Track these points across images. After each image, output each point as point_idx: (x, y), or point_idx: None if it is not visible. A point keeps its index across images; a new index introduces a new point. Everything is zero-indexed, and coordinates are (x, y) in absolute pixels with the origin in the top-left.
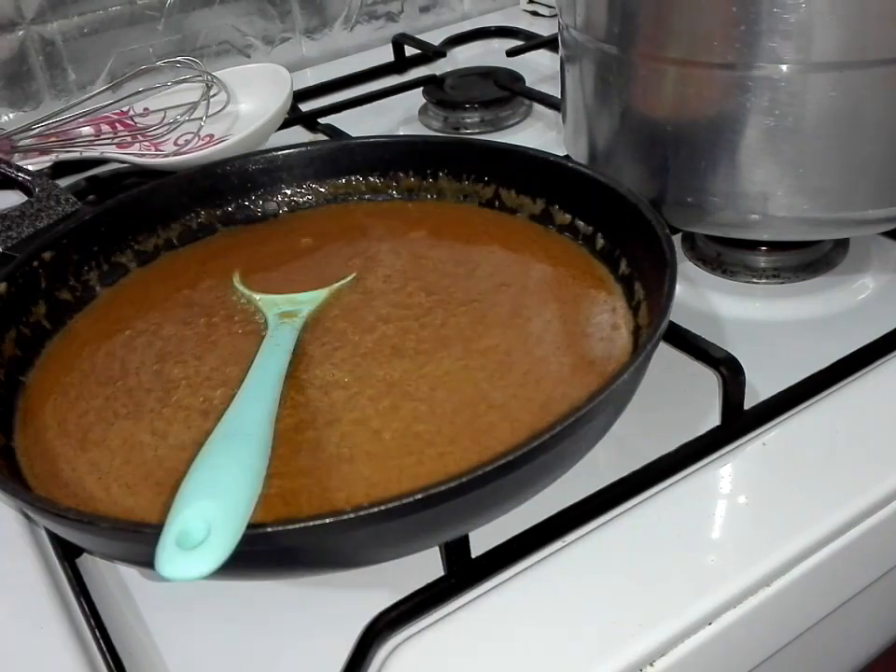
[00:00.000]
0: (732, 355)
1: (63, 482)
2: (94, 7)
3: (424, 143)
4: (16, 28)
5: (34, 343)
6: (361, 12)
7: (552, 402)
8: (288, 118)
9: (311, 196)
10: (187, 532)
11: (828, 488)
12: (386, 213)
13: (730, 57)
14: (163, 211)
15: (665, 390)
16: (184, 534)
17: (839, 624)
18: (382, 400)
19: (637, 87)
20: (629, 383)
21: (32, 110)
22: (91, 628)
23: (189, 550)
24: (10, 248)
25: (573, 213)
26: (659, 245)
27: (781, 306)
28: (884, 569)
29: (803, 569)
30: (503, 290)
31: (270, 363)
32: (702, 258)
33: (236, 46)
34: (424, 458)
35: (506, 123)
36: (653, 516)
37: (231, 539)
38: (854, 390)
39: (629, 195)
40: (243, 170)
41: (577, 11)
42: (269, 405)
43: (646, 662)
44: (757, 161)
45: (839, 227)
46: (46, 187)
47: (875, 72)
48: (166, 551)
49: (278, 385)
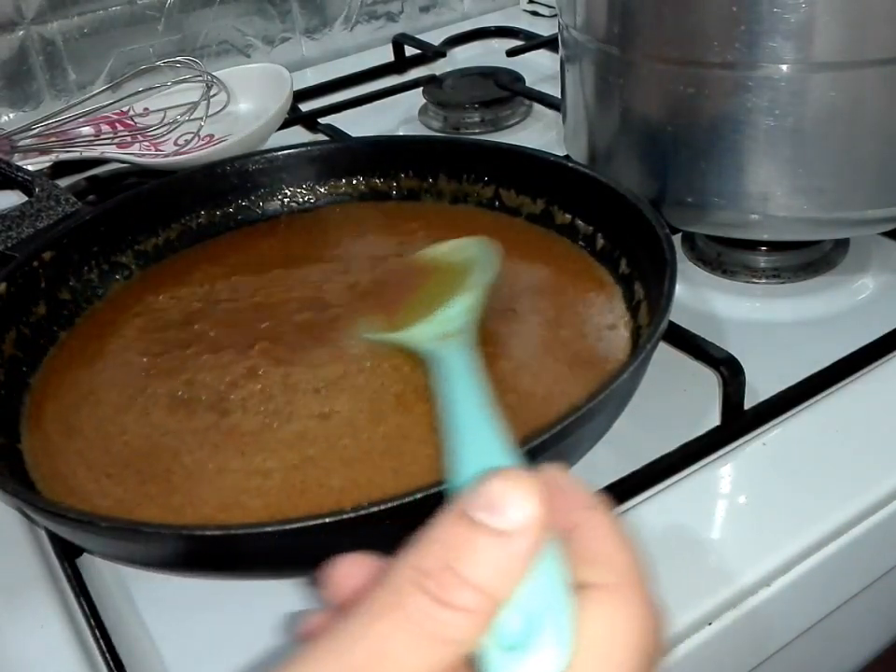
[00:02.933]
0: (732, 355)
1: (66, 480)
2: (94, 7)
3: (424, 143)
4: (16, 28)
5: (38, 343)
6: (361, 12)
7: (551, 402)
8: (288, 118)
9: (311, 196)
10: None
11: (828, 488)
12: (383, 215)
13: (730, 57)
14: (163, 211)
15: (665, 390)
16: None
17: (839, 624)
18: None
19: (637, 87)
20: (629, 383)
21: (32, 110)
22: (90, 628)
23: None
24: (10, 248)
25: (573, 213)
26: (659, 244)
27: (781, 306)
28: (884, 569)
29: (803, 569)
30: (503, 291)
31: (463, 402)
32: (702, 258)
33: (236, 46)
34: (419, 457)
35: (506, 123)
36: (653, 516)
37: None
38: (854, 390)
39: (629, 195)
40: (243, 170)
41: (577, 11)
42: (496, 453)
43: None
44: (757, 160)
45: (839, 227)
46: (46, 187)
47: (874, 72)
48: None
49: (490, 429)
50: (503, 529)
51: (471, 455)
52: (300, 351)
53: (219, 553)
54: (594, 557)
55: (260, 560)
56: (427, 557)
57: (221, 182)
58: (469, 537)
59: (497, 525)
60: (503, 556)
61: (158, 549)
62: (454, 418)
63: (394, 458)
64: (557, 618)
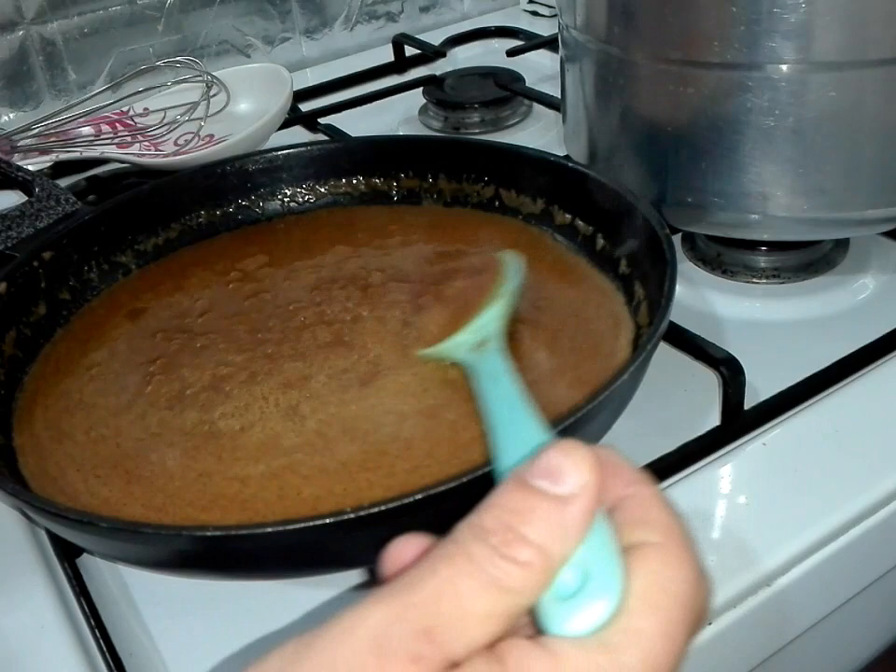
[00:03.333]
0: (732, 355)
1: (55, 480)
2: (94, 7)
3: (424, 143)
4: (16, 28)
5: (37, 343)
6: (361, 12)
7: (551, 402)
8: (288, 118)
9: (311, 196)
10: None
11: (828, 488)
12: (380, 217)
13: (730, 57)
14: (163, 211)
15: (665, 390)
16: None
17: (839, 624)
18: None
19: (637, 87)
20: (629, 382)
21: (32, 110)
22: (90, 628)
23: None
24: (10, 248)
25: (573, 213)
26: (659, 244)
27: (781, 306)
28: (884, 569)
29: (803, 569)
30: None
31: (503, 400)
32: (702, 258)
33: (236, 46)
34: (396, 471)
35: (506, 123)
36: None
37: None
38: (854, 390)
39: (629, 195)
40: (243, 170)
41: (577, 11)
42: (538, 439)
43: None
44: (757, 161)
45: (839, 227)
46: (46, 187)
47: (874, 72)
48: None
49: (530, 419)
50: (562, 494)
51: (515, 444)
52: (296, 358)
53: (219, 553)
54: (641, 521)
55: (260, 560)
56: (489, 519)
57: (221, 182)
58: (529, 502)
59: (557, 491)
60: (561, 519)
61: (158, 549)
62: (495, 415)
63: (370, 471)
64: (607, 572)
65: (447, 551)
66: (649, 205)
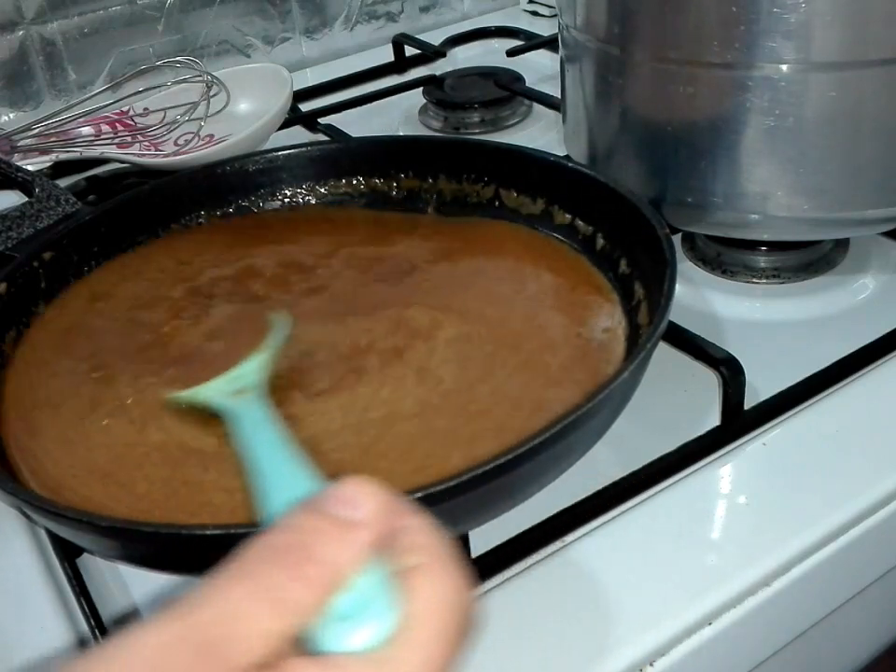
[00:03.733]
0: (732, 355)
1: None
2: (94, 7)
3: (424, 143)
4: (16, 28)
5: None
6: (361, 12)
7: (551, 402)
8: (288, 118)
9: (311, 196)
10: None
11: (828, 488)
12: (380, 222)
13: (730, 57)
14: (163, 211)
15: (665, 390)
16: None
17: (839, 624)
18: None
19: (637, 87)
20: (629, 382)
21: (32, 110)
22: (90, 628)
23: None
24: (10, 248)
25: (573, 213)
26: (659, 244)
27: (781, 306)
28: (884, 569)
29: (803, 569)
30: (502, 292)
31: (265, 447)
32: (702, 258)
33: (236, 46)
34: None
35: (506, 123)
36: (653, 516)
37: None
38: (854, 390)
39: (629, 195)
40: (243, 170)
41: (577, 11)
42: (306, 483)
43: (646, 662)
44: (757, 160)
45: (839, 227)
46: (46, 187)
47: (874, 72)
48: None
49: (297, 466)
50: (356, 519)
51: (282, 489)
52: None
53: (219, 553)
54: (410, 547)
55: None
56: (279, 537)
57: (221, 182)
58: (320, 525)
59: (352, 516)
60: (353, 541)
61: (157, 549)
62: (260, 462)
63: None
64: (381, 595)
65: (236, 570)
66: (649, 205)
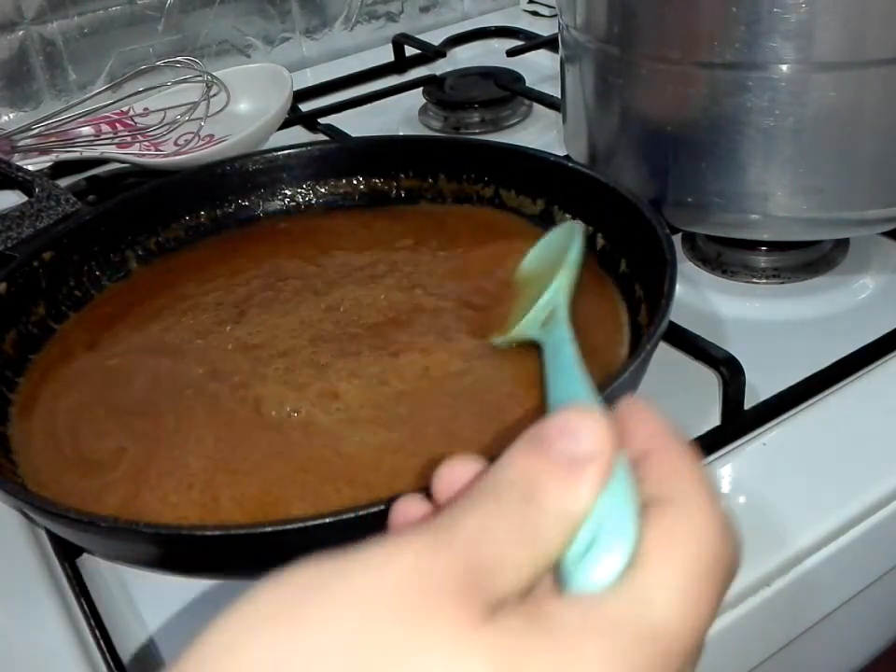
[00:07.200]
0: (732, 355)
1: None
2: (94, 7)
3: (424, 143)
4: (16, 28)
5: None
6: (361, 12)
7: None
8: (288, 118)
9: (311, 196)
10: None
11: (827, 488)
12: (380, 218)
13: (730, 57)
14: (163, 211)
15: (665, 390)
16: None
17: (839, 625)
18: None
19: (637, 87)
20: (629, 383)
21: (32, 110)
22: (90, 628)
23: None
24: (10, 248)
25: (573, 213)
26: (659, 244)
27: (781, 306)
28: (884, 569)
29: (802, 570)
30: (501, 293)
31: (563, 371)
32: (702, 258)
33: (236, 46)
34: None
35: (506, 123)
36: None
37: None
38: (854, 390)
39: (629, 195)
40: (243, 170)
41: (577, 11)
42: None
43: None
44: (757, 161)
45: (839, 227)
46: (46, 187)
47: (874, 72)
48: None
49: (586, 385)
50: (577, 455)
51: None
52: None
53: (219, 553)
54: (662, 476)
55: (261, 561)
56: (504, 474)
57: (221, 182)
58: (544, 466)
59: (574, 450)
60: (576, 482)
61: (157, 549)
62: (552, 382)
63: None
64: (622, 528)
65: (480, 496)
66: (649, 205)
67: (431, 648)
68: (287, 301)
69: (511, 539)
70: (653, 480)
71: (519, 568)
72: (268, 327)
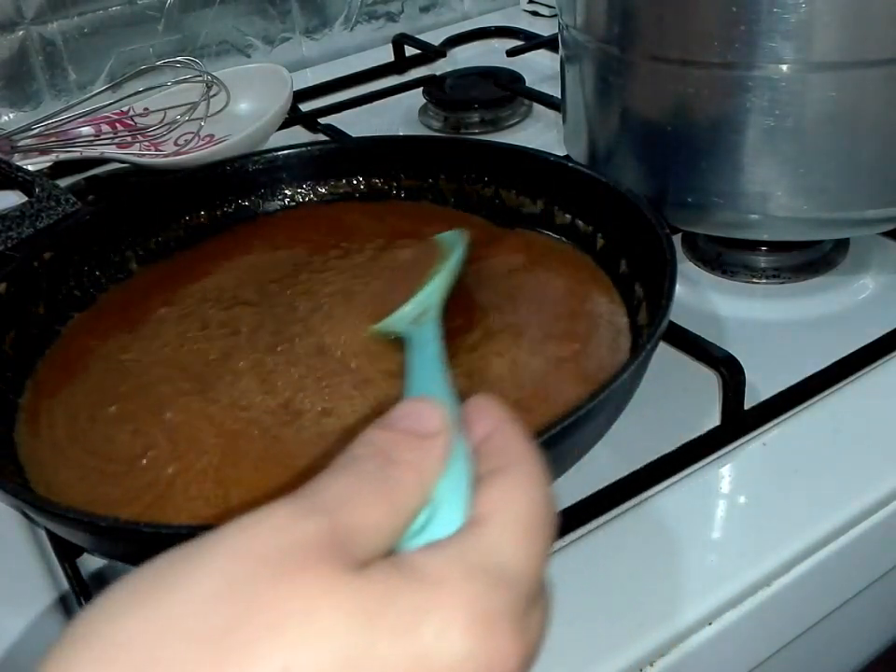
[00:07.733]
0: (732, 355)
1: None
2: (94, 7)
3: (424, 143)
4: (16, 28)
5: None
6: (361, 12)
7: (551, 402)
8: (288, 118)
9: (311, 196)
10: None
11: (828, 488)
12: (380, 216)
13: (730, 57)
14: (163, 211)
15: (665, 390)
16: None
17: (839, 624)
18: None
19: (637, 87)
20: (629, 383)
21: (32, 110)
22: None
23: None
24: (10, 248)
25: (573, 213)
26: (659, 244)
27: (781, 306)
28: (884, 569)
29: (803, 569)
30: (501, 292)
31: (425, 365)
32: (702, 258)
33: (236, 46)
34: None
35: (506, 123)
36: (653, 516)
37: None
38: (854, 390)
39: (629, 195)
40: (243, 170)
41: (577, 11)
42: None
43: (646, 662)
44: (757, 161)
45: (839, 227)
46: (46, 187)
47: (875, 72)
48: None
49: (444, 380)
50: (422, 431)
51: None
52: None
53: None
54: (500, 451)
55: None
56: (359, 450)
57: (221, 182)
58: (395, 437)
59: (419, 428)
60: (424, 449)
61: (158, 549)
62: (413, 378)
63: None
64: (455, 497)
65: (341, 467)
66: (649, 205)
67: (294, 595)
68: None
69: (373, 501)
70: (492, 455)
71: (381, 528)
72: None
